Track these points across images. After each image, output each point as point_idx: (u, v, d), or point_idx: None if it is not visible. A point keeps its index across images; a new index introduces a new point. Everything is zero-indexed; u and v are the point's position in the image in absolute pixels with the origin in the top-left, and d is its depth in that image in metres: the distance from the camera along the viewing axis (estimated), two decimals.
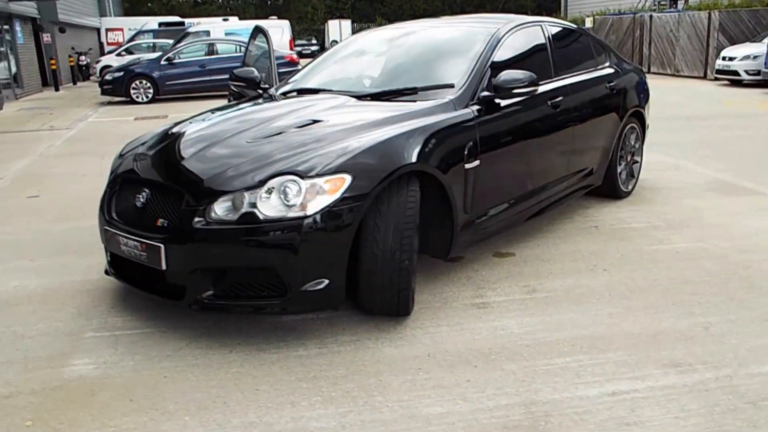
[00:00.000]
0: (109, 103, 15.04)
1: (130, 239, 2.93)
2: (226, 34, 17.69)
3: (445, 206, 3.25)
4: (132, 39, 23.67)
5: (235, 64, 14.78)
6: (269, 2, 47.58)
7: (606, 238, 4.18)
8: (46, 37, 21.78)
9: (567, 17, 33.13)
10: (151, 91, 14.75)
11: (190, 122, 3.64)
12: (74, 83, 22.93)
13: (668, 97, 12.64)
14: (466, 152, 3.28)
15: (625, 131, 4.98)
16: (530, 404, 2.35)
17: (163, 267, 2.81)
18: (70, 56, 22.89)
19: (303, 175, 2.72)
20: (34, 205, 5.63)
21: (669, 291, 3.33)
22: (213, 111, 3.92)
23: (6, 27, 16.73)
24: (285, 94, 4.02)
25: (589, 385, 2.46)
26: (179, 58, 15.07)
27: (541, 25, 4.33)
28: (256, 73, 4.57)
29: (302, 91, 3.95)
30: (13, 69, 16.99)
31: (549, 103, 3.97)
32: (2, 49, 16.23)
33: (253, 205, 2.68)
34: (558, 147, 4.11)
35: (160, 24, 25.74)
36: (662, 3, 23.05)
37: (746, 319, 2.99)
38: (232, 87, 4.72)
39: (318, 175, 2.72)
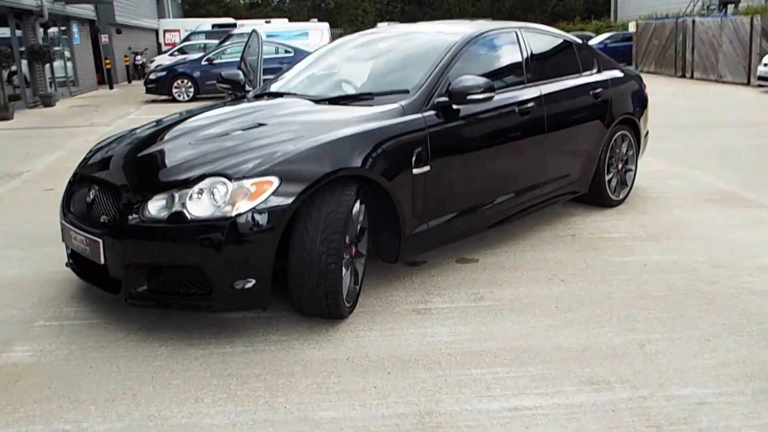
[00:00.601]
0: (153, 101, 15.50)
1: (78, 233, 3.01)
2: (268, 36, 17.90)
3: (392, 211, 3.20)
4: (186, 40, 24.36)
5: (272, 65, 15.05)
6: (322, 5, 48.05)
7: (578, 248, 4.03)
8: (104, 38, 22.67)
9: (616, 21, 32.24)
10: (192, 90, 15.15)
11: (154, 123, 3.71)
12: (129, 82, 23.75)
13: (698, 103, 12.13)
14: (414, 158, 3.21)
15: (614, 139, 4.78)
16: (426, 414, 2.28)
17: (102, 261, 2.87)
18: (125, 56, 23.72)
19: (231, 177, 2.72)
20: (47, 197, 5.85)
21: (619, 305, 3.17)
22: (184, 112, 3.98)
23: (63, 28, 17.48)
24: (257, 97, 4.05)
25: (494, 399, 2.37)
26: (220, 58, 15.40)
27: (516, 32, 4.20)
28: (241, 75, 4.63)
29: (271, 94, 3.97)
30: (70, 68, 17.73)
31: (517, 110, 3.85)
32: (59, 49, 16.95)
33: (183, 204, 2.71)
34: (528, 154, 3.99)
35: (213, 25, 26.42)
36: (711, 7, 22.09)
37: (688, 337, 2.82)
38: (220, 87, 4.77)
39: (245, 178, 2.72)
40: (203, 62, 15.25)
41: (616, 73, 4.94)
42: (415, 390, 2.44)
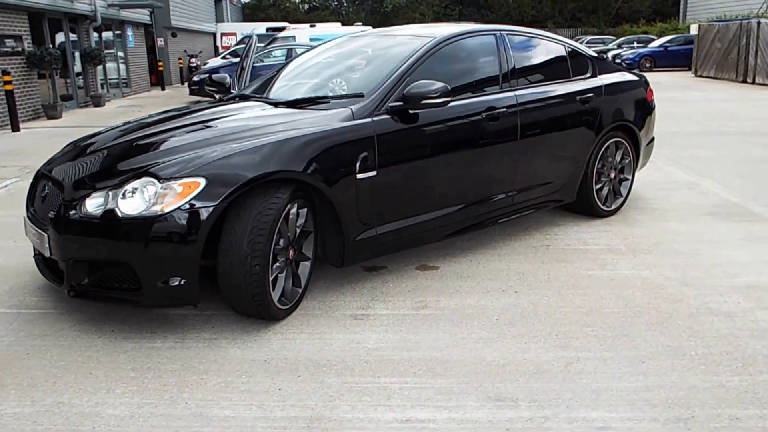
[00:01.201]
0: (197, 102, 16.05)
1: (33, 227, 3.18)
2: (311, 39, 18.24)
3: (336, 215, 3.23)
4: (240, 43, 25.07)
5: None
6: (381, 9, 48.43)
7: (547, 259, 3.93)
8: (159, 41, 23.66)
9: (684, 22, 31.03)
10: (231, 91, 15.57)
11: (123, 123, 3.88)
12: (183, 83, 24.63)
13: (748, 110, 11.52)
14: (359, 162, 3.23)
15: (606, 147, 4.64)
16: (316, 419, 2.29)
17: (47, 254, 3.04)
18: (179, 58, 24.62)
19: (160, 178, 2.82)
20: None
21: (564, 320, 3.09)
22: (155, 114, 4.13)
23: (119, 32, 18.33)
24: (228, 100, 4.17)
25: (390, 409, 2.35)
26: (261, 61, 15.77)
27: (495, 35, 4.14)
28: (228, 78, 4.77)
29: (240, 97, 4.08)
30: (123, 70, 18.57)
31: (485, 115, 3.80)
32: (112, 51, 17.79)
33: (116, 202, 2.83)
34: (497, 161, 3.93)
35: (267, 29, 27.06)
36: None
37: (622, 358, 2.71)
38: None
39: (173, 178, 2.81)
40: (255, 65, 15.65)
41: (615, 79, 4.79)
42: (317, 395, 2.46)
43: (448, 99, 3.44)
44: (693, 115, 11.07)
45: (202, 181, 2.80)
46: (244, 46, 24.10)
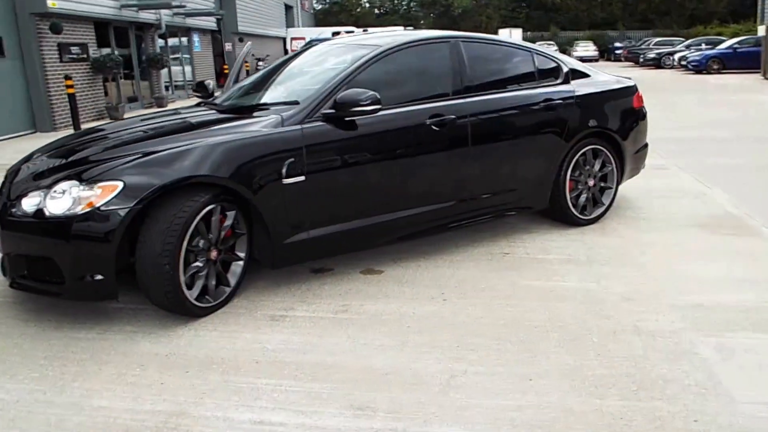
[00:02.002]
0: None
1: None
2: None
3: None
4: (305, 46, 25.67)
5: None
6: (450, 12, 48.16)
7: (498, 267, 3.80)
8: (227, 46, 24.59)
9: (763, 23, 29.02)
10: None
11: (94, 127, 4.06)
12: None
13: None
14: (285, 168, 3.25)
15: (582, 154, 4.43)
16: (177, 415, 2.34)
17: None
18: (246, 61, 25.42)
19: (82, 180, 2.96)
20: None
21: (477, 331, 2.98)
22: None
23: (185, 38, 19.17)
24: (195, 106, 4.30)
25: (251, 410, 2.36)
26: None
27: (449, 43, 4.05)
28: (212, 84, 4.90)
29: (205, 103, 4.20)
30: (188, 73, 19.41)
31: (429, 122, 3.73)
32: (178, 56, 18.63)
33: (46, 202, 2.98)
34: (445, 168, 3.83)
35: (333, 33, 27.54)
36: None
37: (510, 375, 2.59)
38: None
39: (94, 181, 2.93)
40: None
41: (591, 86, 4.57)
42: (192, 391, 2.50)
43: (377, 107, 3.41)
44: (739, 120, 10.36)
45: (120, 184, 2.91)
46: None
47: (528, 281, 3.58)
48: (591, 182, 4.57)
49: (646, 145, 5.04)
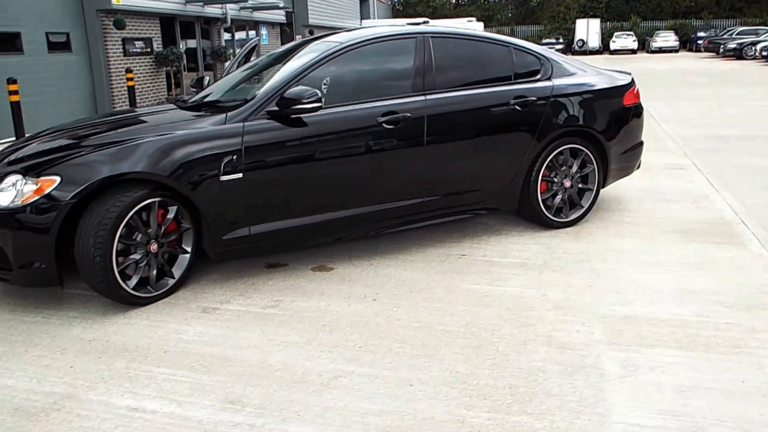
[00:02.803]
0: None
1: None
2: None
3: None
4: None
5: None
6: (527, 3, 46.79)
7: (446, 269, 3.73)
8: (297, 38, 25.06)
9: None
10: None
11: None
12: None
13: None
14: (223, 165, 3.33)
15: (557, 154, 4.24)
16: (66, 398, 2.48)
17: None
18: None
19: (25, 175, 3.16)
20: None
21: (388, 333, 2.94)
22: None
23: (253, 32, 19.75)
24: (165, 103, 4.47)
25: (134, 397, 2.47)
26: None
27: (416, 39, 3.97)
28: (207, 79, 5.06)
29: (174, 101, 4.35)
30: None
31: (380, 120, 3.69)
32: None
33: None
34: (396, 166, 3.78)
35: (407, 24, 27.51)
36: None
37: (394, 379, 2.55)
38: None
39: (36, 175, 3.13)
40: None
41: (572, 83, 4.35)
42: (93, 376, 2.64)
43: (319, 105, 3.42)
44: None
45: (58, 179, 3.09)
46: None
47: (468, 285, 3.50)
48: (567, 183, 4.37)
49: (639, 144, 4.76)
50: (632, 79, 4.71)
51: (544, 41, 39.20)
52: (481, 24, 20.19)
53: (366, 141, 3.70)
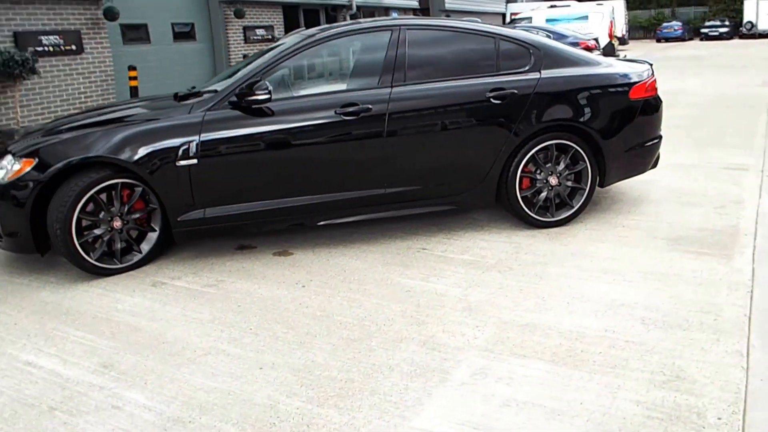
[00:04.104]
0: None
1: None
2: (547, 21, 17.58)
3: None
4: (510, 22, 25.13)
5: None
6: None
7: (396, 262, 3.74)
8: None
9: None
10: None
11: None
12: None
13: None
14: (180, 151, 3.66)
15: (542, 149, 4.03)
16: None
17: None
18: None
19: (14, 155, 3.72)
20: None
21: (286, 319, 3.09)
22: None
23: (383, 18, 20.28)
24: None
25: (36, 353, 2.87)
26: None
27: (392, 30, 3.99)
28: None
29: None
30: None
31: (338, 111, 3.78)
32: None
33: None
34: (355, 157, 3.85)
35: (550, 6, 26.51)
36: None
37: (253, 360, 2.71)
38: None
39: (20, 157, 3.68)
40: None
41: (564, 75, 4.09)
42: (22, 333, 3.09)
43: (268, 97, 3.65)
44: None
45: (35, 161, 3.61)
46: (527, 25, 23.98)
47: (403, 279, 3.51)
48: (554, 181, 4.13)
49: (652, 141, 4.35)
50: (645, 72, 4.29)
51: (707, 23, 35.57)
52: (612, 6, 18.61)
53: (323, 131, 3.83)
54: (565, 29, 15.41)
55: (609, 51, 16.24)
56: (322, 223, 3.94)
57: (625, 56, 17.48)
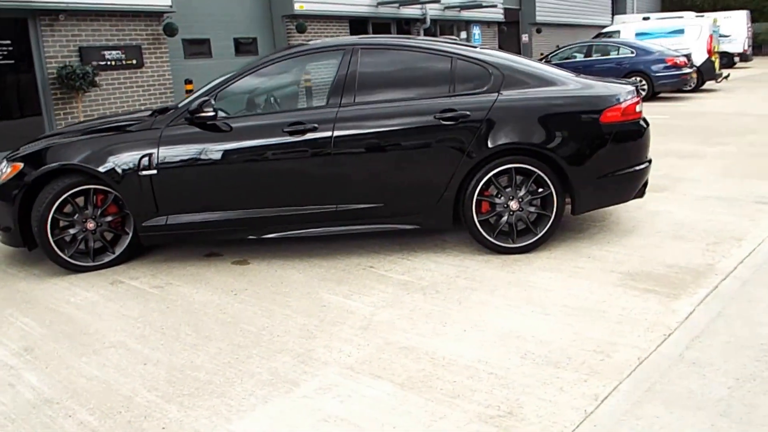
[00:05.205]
0: None
1: None
2: (637, 35, 16.85)
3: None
4: (597, 36, 24.37)
5: (607, 65, 14.35)
6: None
7: (335, 279, 3.96)
8: (524, 38, 25.03)
9: None
10: None
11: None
12: None
13: None
14: (139, 162, 4.12)
15: (501, 173, 4.08)
16: None
17: None
18: (541, 53, 25.43)
19: (7, 160, 4.35)
20: None
21: (190, 321, 3.42)
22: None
23: (464, 32, 20.43)
24: None
25: None
26: (564, 58, 15.56)
27: (344, 50, 4.23)
28: None
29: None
30: None
31: (285, 130, 4.07)
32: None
33: None
34: (297, 175, 4.13)
35: (644, 18, 25.40)
36: None
37: (131, 353, 3.07)
38: None
39: (12, 161, 4.31)
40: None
41: (526, 96, 4.11)
42: None
43: (213, 114, 4.03)
44: None
45: (21, 165, 4.22)
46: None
47: (329, 294, 3.72)
48: (514, 205, 4.15)
49: (631, 168, 4.23)
50: (623, 95, 4.19)
51: None
52: (710, 20, 17.25)
53: (270, 148, 4.14)
54: (652, 44, 14.71)
55: (708, 69, 15.24)
56: (270, 236, 4.24)
57: (728, 75, 16.30)
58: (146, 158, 4.15)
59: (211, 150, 4.16)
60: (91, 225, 4.30)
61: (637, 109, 4.27)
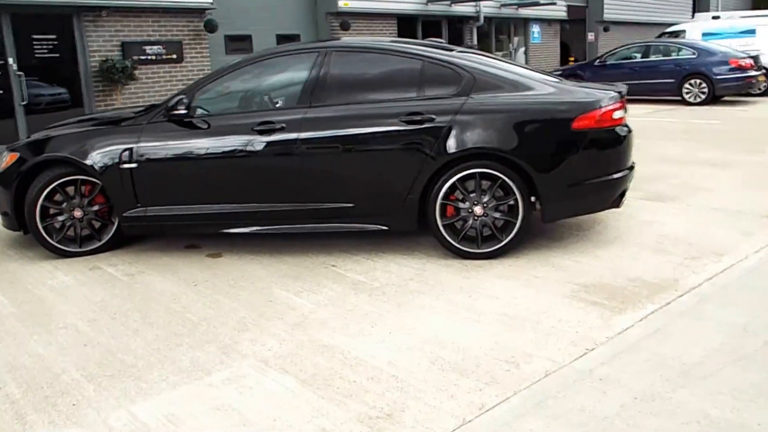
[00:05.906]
0: None
1: None
2: (704, 35, 16.16)
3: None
4: (669, 35, 23.49)
5: (666, 66, 13.86)
6: None
7: (293, 275, 4.14)
8: (590, 36, 24.41)
9: None
10: None
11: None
12: None
13: None
14: (120, 156, 4.42)
15: (466, 177, 4.14)
16: None
17: None
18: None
19: (8, 149, 4.75)
20: None
21: (140, 308, 3.68)
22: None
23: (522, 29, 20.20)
24: None
25: None
26: (621, 59, 15.13)
27: (318, 52, 4.39)
28: None
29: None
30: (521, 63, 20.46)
31: (255, 129, 4.27)
32: (513, 47, 19.82)
33: None
34: (263, 172, 4.34)
35: (714, 17, 24.27)
36: None
37: (80, 335, 3.35)
38: None
39: (11, 150, 4.70)
40: (596, 63, 15.38)
41: (498, 101, 4.15)
42: None
43: (185, 112, 4.29)
44: None
45: (17, 155, 4.62)
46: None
47: (280, 291, 3.91)
48: (479, 210, 4.20)
49: (606, 177, 4.19)
50: (602, 101, 4.15)
51: None
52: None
53: (240, 147, 4.36)
54: (716, 45, 14.09)
55: None
56: (240, 231, 4.47)
57: None
58: (127, 152, 4.45)
59: (185, 146, 4.43)
60: (78, 213, 4.66)
61: (616, 115, 4.22)
